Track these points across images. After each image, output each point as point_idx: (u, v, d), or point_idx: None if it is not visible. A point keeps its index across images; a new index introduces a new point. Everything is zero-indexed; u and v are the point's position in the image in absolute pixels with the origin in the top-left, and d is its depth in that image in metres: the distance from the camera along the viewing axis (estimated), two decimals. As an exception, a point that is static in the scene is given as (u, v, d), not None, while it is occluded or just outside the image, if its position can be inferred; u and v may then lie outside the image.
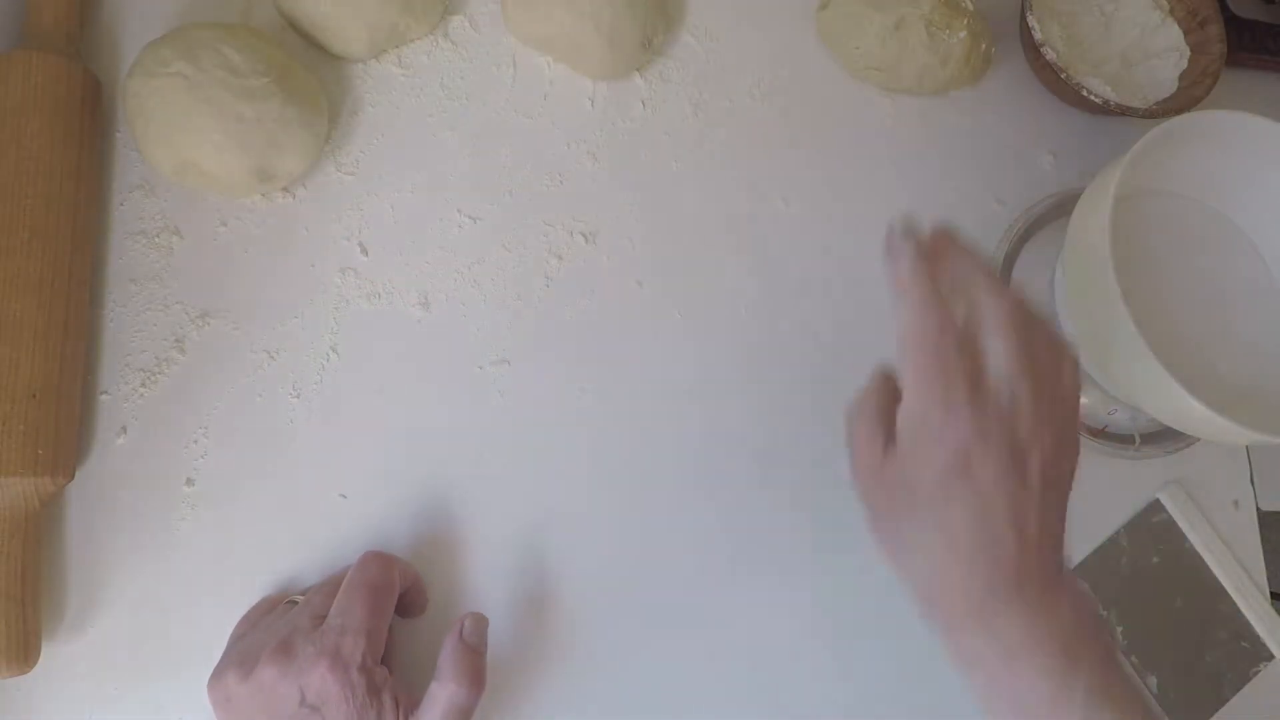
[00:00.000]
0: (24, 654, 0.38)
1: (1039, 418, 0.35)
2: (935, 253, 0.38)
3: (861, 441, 0.37)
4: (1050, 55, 0.53)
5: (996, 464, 0.34)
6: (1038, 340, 0.37)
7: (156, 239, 0.46)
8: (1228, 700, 0.50)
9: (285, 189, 0.47)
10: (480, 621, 0.39)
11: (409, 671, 0.42)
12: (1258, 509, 0.54)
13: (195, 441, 0.44)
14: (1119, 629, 0.50)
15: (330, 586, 0.40)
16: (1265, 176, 0.49)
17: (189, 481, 0.43)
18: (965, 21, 0.53)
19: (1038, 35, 0.53)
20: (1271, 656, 0.51)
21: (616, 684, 0.45)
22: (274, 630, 0.38)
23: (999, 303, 0.36)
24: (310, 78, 0.47)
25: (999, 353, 0.36)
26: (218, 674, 0.37)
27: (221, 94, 0.42)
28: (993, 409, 0.35)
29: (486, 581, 0.45)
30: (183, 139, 0.42)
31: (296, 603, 0.40)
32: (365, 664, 0.36)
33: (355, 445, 0.45)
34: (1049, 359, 0.37)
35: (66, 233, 0.42)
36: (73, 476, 0.41)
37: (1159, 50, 0.57)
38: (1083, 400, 0.51)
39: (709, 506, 0.48)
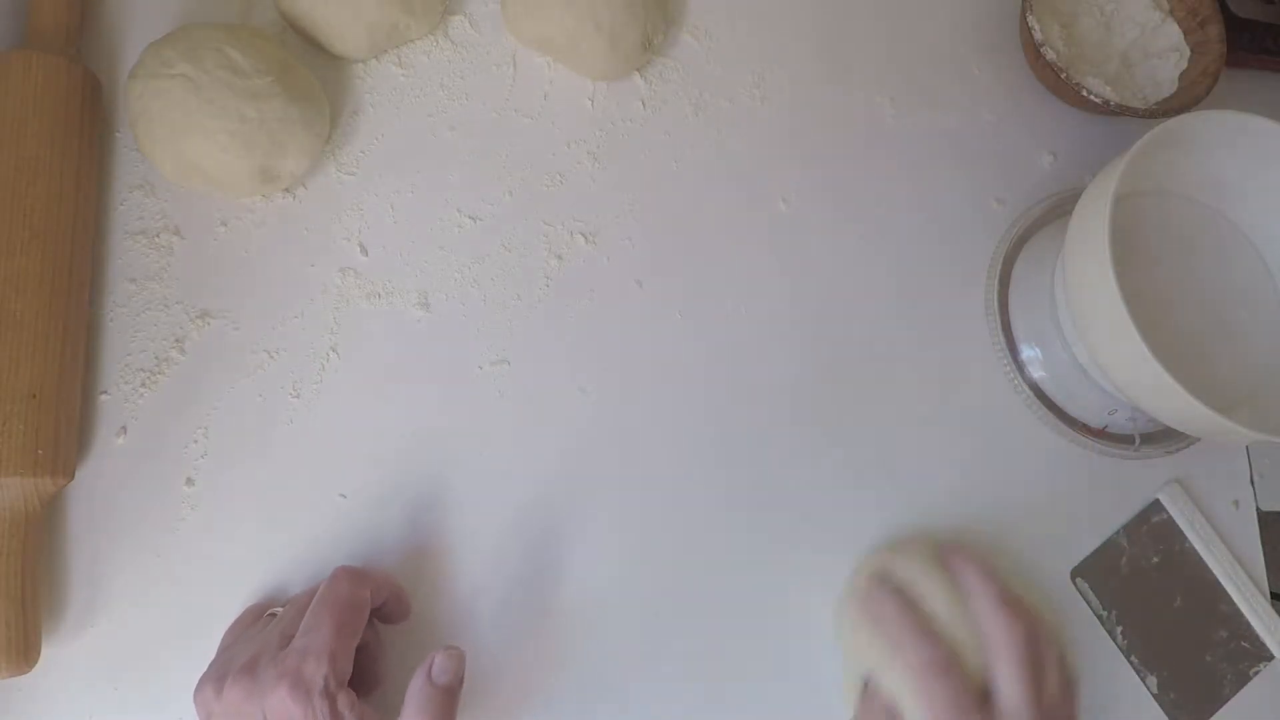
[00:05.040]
0: (24, 654, 0.38)
1: None
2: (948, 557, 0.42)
3: None
4: (1050, 55, 0.53)
5: None
6: (1049, 676, 0.39)
7: (156, 239, 0.46)
8: (1228, 700, 0.50)
9: (286, 189, 0.47)
10: (452, 657, 0.36)
11: (403, 676, 0.42)
12: (1258, 509, 0.54)
13: (195, 441, 0.44)
14: (1119, 629, 0.50)
15: (303, 602, 0.39)
16: (1265, 176, 0.49)
17: (189, 481, 0.43)
18: None
19: (1038, 35, 0.53)
20: (1271, 656, 0.51)
21: (614, 691, 0.45)
22: (249, 646, 0.37)
23: (1009, 633, 0.38)
24: (311, 78, 0.47)
25: (1010, 681, 0.38)
26: (200, 686, 0.37)
27: (225, 94, 0.42)
28: None
29: (485, 581, 0.45)
30: (186, 140, 0.42)
31: (277, 614, 0.40)
32: (328, 688, 0.34)
33: (355, 446, 0.45)
34: (1059, 698, 0.39)
35: (66, 233, 0.42)
36: (73, 476, 0.41)
37: (1159, 50, 0.57)
38: (1083, 400, 0.51)
39: (709, 507, 0.48)
